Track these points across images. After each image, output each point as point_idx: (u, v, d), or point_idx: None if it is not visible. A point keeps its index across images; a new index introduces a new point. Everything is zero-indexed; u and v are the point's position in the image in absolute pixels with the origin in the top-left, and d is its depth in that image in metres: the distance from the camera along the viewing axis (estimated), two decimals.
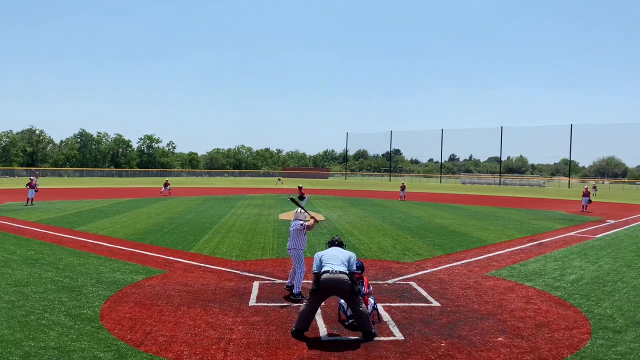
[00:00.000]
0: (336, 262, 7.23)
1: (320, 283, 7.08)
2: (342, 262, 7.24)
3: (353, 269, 7.29)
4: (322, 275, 7.10)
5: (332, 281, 7.04)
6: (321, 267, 7.24)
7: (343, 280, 7.04)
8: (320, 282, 7.08)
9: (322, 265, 7.26)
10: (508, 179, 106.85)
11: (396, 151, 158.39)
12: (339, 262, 7.23)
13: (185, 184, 69.37)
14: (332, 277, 7.05)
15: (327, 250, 7.56)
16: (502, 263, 13.15)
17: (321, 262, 7.30)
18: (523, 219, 25.57)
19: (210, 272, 11.35)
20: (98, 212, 25.37)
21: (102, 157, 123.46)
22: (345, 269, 7.16)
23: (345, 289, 7.06)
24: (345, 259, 7.30)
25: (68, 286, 9.74)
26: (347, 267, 7.21)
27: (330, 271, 7.10)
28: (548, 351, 6.76)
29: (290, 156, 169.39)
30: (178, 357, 6.27)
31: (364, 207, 31.77)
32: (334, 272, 7.07)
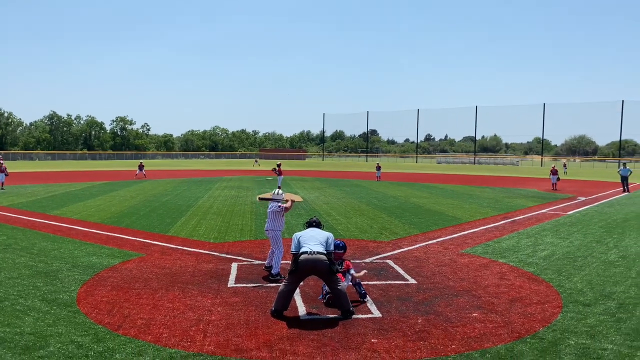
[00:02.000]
0: (314, 242, 7.27)
1: (298, 264, 7.13)
2: (320, 243, 7.28)
3: (331, 249, 7.35)
4: (300, 256, 7.15)
5: (310, 261, 7.10)
6: (299, 247, 7.28)
7: (321, 261, 7.10)
8: (299, 262, 7.13)
9: (300, 245, 7.29)
10: (482, 158, 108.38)
11: (373, 132, 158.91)
12: (317, 242, 7.28)
13: (160, 166, 68.52)
14: (310, 257, 7.11)
15: (305, 231, 7.59)
16: (477, 240, 13.41)
17: (299, 243, 7.33)
18: (497, 197, 26.04)
19: (188, 255, 11.31)
20: (72, 195, 24.93)
21: (74, 139, 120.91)
22: (323, 249, 7.22)
23: (323, 269, 7.13)
24: (323, 240, 7.35)
25: (43, 271, 9.60)
26: (325, 247, 7.26)
27: (308, 252, 7.14)
28: (521, 325, 6.96)
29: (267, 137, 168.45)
30: (157, 340, 6.27)
31: (341, 187, 31.90)
32: (312, 253, 7.12)
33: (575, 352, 6.03)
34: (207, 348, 6.03)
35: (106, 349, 5.96)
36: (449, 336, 6.51)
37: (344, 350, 6.03)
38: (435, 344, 6.24)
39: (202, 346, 6.08)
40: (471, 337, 6.50)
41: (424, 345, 6.21)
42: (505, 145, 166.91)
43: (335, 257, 7.90)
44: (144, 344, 6.11)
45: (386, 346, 6.16)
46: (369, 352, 5.99)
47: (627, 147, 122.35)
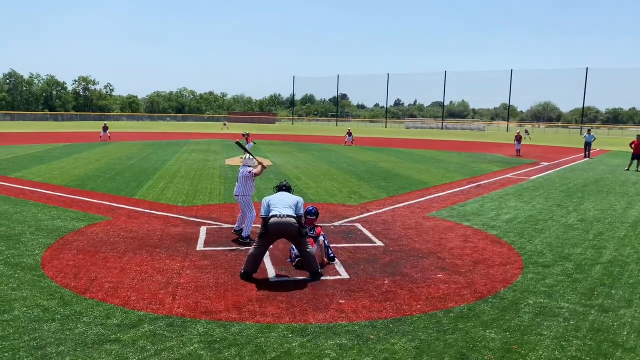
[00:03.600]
0: (283, 205, 7.29)
1: (268, 227, 7.17)
2: (289, 206, 7.31)
3: (300, 212, 7.39)
4: (270, 219, 7.18)
5: (280, 224, 7.14)
6: (269, 211, 7.29)
7: (290, 224, 7.15)
8: (269, 225, 7.17)
9: (269, 209, 7.31)
10: (450, 123, 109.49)
11: (343, 96, 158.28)
12: (286, 205, 7.30)
13: (125, 128, 66.86)
14: (279, 220, 7.14)
15: (275, 195, 7.60)
16: (443, 204, 13.69)
17: (269, 207, 7.34)
18: (463, 162, 26.51)
19: (156, 218, 11.20)
20: (33, 157, 24.18)
21: (35, 99, 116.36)
22: (292, 212, 7.25)
23: (293, 232, 7.19)
24: (293, 203, 7.37)
25: (5, 235, 9.37)
26: (294, 210, 7.30)
27: (277, 215, 7.17)
28: (483, 285, 7.21)
29: (236, 100, 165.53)
30: (125, 303, 6.25)
31: (311, 152, 31.88)
32: (282, 216, 7.16)
33: (533, 311, 6.30)
34: (177, 310, 6.06)
35: (73, 312, 5.92)
36: (414, 296, 6.70)
37: (312, 310, 6.15)
38: (401, 304, 6.42)
39: (171, 308, 6.10)
40: (435, 297, 6.71)
41: (390, 305, 6.38)
42: (472, 111, 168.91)
43: (307, 222, 8.00)
44: (111, 307, 6.09)
45: (353, 307, 6.31)
46: (336, 312, 6.12)
47: (589, 114, 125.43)
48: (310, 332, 5.56)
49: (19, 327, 5.50)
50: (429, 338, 5.49)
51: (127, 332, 5.42)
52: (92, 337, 5.29)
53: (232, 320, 5.81)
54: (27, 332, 5.38)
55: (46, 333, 5.36)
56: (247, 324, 5.74)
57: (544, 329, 5.80)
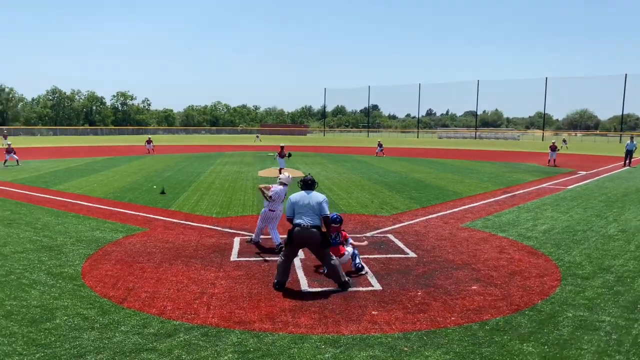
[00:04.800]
0: (308, 213, 7.35)
1: (292, 237, 7.33)
2: (314, 213, 7.36)
3: (325, 212, 7.42)
4: (294, 229, 7.32)
5: (304, 235, 7.29)
6: (294, 214, 7.38)
7: (313, 235, 7.29)
8: (293, 236, 7.33)
9: (294, 213, 7.39)
10: (483, 132, 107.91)
11: (374, 107, 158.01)
12: (311, 213, 7.36)
13: (162, 141, 68.39)
14: (303, 231, 7.29)
15: (301, 197, 7.53)
16: (477, 215, 13.48)
17: (294, 210, 7.42)
18: (497, 172, 26.05)
19: (191, 229, 11.40)
20: (74, 171, 24.99)
21: (76, 115, 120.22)
22: (317, 221, 7.34)
23: (316, 242, 7.31)
24: (317, 208, 7.39)
25: (47, 245, 9.70)
26: (319, 216, 7.37)
27: (301, 225, 7.29)
28: (520, 298, 7.06)
29: (268, 113, 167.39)
30: (161, 312, 6.38)
31: (342, 163, 31.91)
32: (306, 227, 7.28)
33: (572, 325, 6.13)
34: (211, 320, 6.14)
35: (111, 321, 6.07)
36: (449, 308, 6.62)
37: (345, 322, 6.14)
38: (435, 316, 6.34)
39: (205, 318, 6.19)
40: (470, 309, 6.60)
41: (423, 317, 6.32)
42: (506, 120, 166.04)
43: (332, 230, 8.06)
44: (148, 317, 6.22)
45: (386, 318, 6.27)
46: (369, 324, 6.10)
47: (629, 121, 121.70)
48: (343, 344, 5.55)
49: (60, 335, 5.67)
50: (464, 351, 5.40)
51: (163, 342, 5.53)
52: (129, 346, 5.41)
53: (266, 331, 5.86)
54: (68, 340, 5.55)
55: (86, 341, 5.51)
56: (280, 334, 5.77)
57: (584, 343, 5.64)
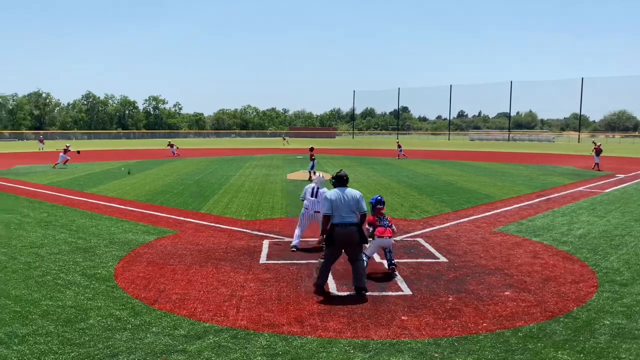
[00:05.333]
0: (346, 211, 7.32)
1: (334, 237, 7.29)
2: (352, 211, 7.34)
3: (363, 210, 7.43)
4: (335, 230, 7.28)
5: (344, 235, 7.26)
6: (332, 211, 7.35)
7: (353, 233, 7.27)
8: (334, 236, 7.29)
9: (333, 212, 7.35)
10: (517, 134, 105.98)
11: (404, 109, 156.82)
12: (349, 211, 7.32)
13: (192, 145, 69.49)
14: (343, 231, 7.26)
15: (337, 194, 7.47)
16: (510, 219, 13.21)
17: (332, 209, 7.37)
18: (531, 175, 25.51)
19: (221, 232, 11.51)
20: (108, 174, 25.58)
21: (109, 119, 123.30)
22: (354, 218, 7.33)
23: (354, 241, 7.30)
24: (355, 205, 7.37)
25: (82, 247, 9.93)
26: (355, 213, 7.36)
27: (341, 224, 7.26)
28: (554, 304, 6.87)
29: (297, 116, 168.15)
30: (192, 314, 6.44)
31: (371, 165, 31.78)
32: (345, 226, 7.26)
33: (610, 332, 5.93)
34: (240, 323, 6.17)
35: (143, 322, 6.16)
36: (480, 314, 6.48)
37: (374, 326, 6.08)
38: (466, 322, 6.22)
39: (235, 321, 6.23)
40: (503, 315, 6.46)
41: (454, 323, 6.21)
42: (540, 122, 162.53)
43: (377, 212, 8.42)
44: (179, 318, 6.29)
45: (416, 323, 6.18)
46: (399, 329, 6.02)
47: None
48: (373, 349, 5.49)
49: (94, 335, 5.78)
50: (496, 358, 5.27)
51: (193, 343, 5.58)
52: (160, 347, 5.48)
53: (294, 334, 5.84)
54: (101, 340, 5.65)
55: (118, 342, 5.61)
56: (308, 338, 5.75)
57: (622, 351, 5.44)
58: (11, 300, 6.88)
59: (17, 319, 6.23)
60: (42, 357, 5.21)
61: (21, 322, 6.12)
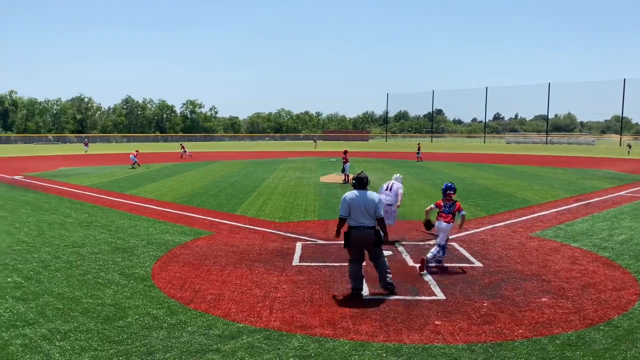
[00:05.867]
0: (363, 214, 7.31)
1: (351, 239, 7.35)
2: (369, 215, 7.32)
3: (380, 214, 7.41)
4: (351, 232, 7.34)
5: (360, 237, 7.32)
6: (348, 213, 7.37)
7: (369, 235, 7.32)
8: (351, 238, 7.35)
9: (350, 214, 7.37)
10: (555, 137, 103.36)
11: (438, 111, 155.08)
12: (365, 214, 7.31)
13: (227, 148, 70.46)
14: (359, 233, 7.30)
15: (355, 197, 7.44)
16: (547, 223, 12.90)
17: (349, 212, 7.38)
18: (570, 179, 24.83)
19: (255, 233, 11.64)
20: (146, 176, 26.20)
21: (148, 122, 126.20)
22: (372, 221, 7.34)
23: (370, 242, 7.34)
24: (372, 209, 7.34)
25: (121, 247, 10.21)
26: (373, 217, 7.35)
27: (357, 227, 7.31)
28: (594, 312, 6.67)
29: (330, 119, 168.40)
30: (226, 314, 6.54)
31: (404, 169, 31.54)
32: (361, 228, 7.30)
33: None
34: (273, 324, 6.23)
35: (179, 321, 6.30)
36: (516, 321, 6.36)
37: (407, 330, 6.04)
38: (502, 328, 6.12)
39: (268, 322, 6.29)
40: (540, 322, 6.32)
41: (489, 329, 6.11)
42: (580, 124, 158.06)
43: (447, 198, 9.13)
44: (213, 318, 6.40)
45: (450, 329, 6.11)
46: (432, 333, 5.97)
47: None
48: (405, 353, 5.46)
49: (132, 333, 5.94)
50: None
51: (227, 343, 5.67)
52: (195, 346, 5.59)
53: (327, 337, 5.86)
54: (138, 338, 5.80)
55: (155, 340, 5.74)
56: (341, 340, 5.76)
57: None
58: (54, 298, 7.14)
59: (60, 315, 6.47)
60: (82, 354, 5.39)
61: (63, 319, 6.34)
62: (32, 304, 6.90)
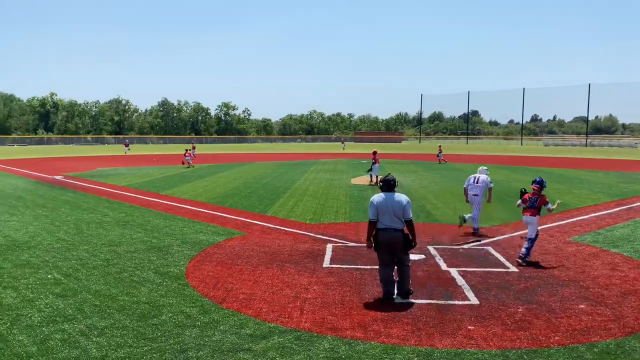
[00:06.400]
0: (391, 216, 7.23)
1: (379, 241, 7.29)
2: (398, 218, 7.23)
3: (409, 216, 7.29)
4: (379, 234, 7.28)
5: (389, 239, 7.24)
6: (376, 217, 7.30)
7: (397, 238, 7.23)
8: (379, 240, 7.29)
9: (377, 217, 7.30)
10: (596, 139, 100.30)
11: (474, 112, 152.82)
12: (394, 217, 7.23)
13: (260, 149, 71.10)
14: (387, 235, 7.23)
15: (383, 199, 7.35)
16: (586, 228, 12.53)
17: (377, 214, 7.31)
18: (611, 182, 24.07)
19: (286, 234, 11.70)
20: (181, 177, 26.69)
21: (183, 124, 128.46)
22: (400, 224, 7.24)
23: (398, 245, 7.26)
24: (400, 212, 7.23)
25: (156, 246, 10.43)
26: (401, 220, 7.25)
27: (385, 229, 7.24)
28: (634, 320, 6.45)
29: (362, 120, 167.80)
30: (257, 314, 6.60)
31: (438, 171, 31.17)
32: (389, 230, 7.22)
33: None
34: (304, 325, 6.25)
35: (211, 320, 6.38)
36: (552, 327, 6.20)
37: (439, 335, 5.97)
38: (537, 335, 5.97)
39: (299, 322, 6.31)
40: (577, 329, 6.14)
41: (524, 335, 5.97)
42: (622, 126, 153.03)
43: (534, 192, 9.52)
44: (245, 318, 6.46)
45: (483, 334, 6.00)
46: (465, 338, 5.87)
47: None
48: (437, 357, 5.39)
49: (165, 331, 6.06)
50: None
51: (259, 343, 5.71)
52: (227, 345, 5.65)
53: (358, 339, 5.84)
54: (172, 336, 5.91)
55: (188, 338, 5.84)
56: (372, 343, 5.73)
57: None
58: (92, 295, 7.34)
59: (97, 312, 6.64)
60: (118, 350, 5.52)
61: (100, 316, 6.51)
62: (70, 300, 7.12)
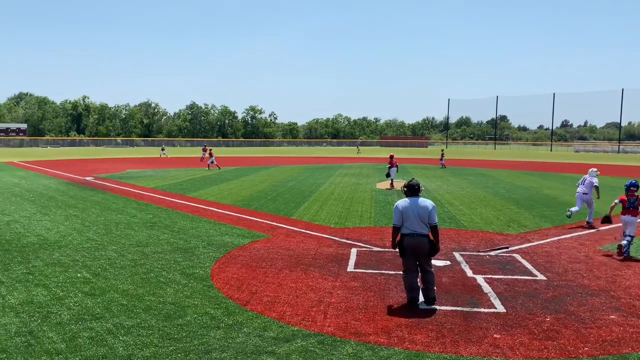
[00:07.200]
0: (417, 222, 7.16)
1: (405, 246, 7.22)
2: (424, 223, 7.16)
3: (434, 222, 7.21)
4: (404, 239, 7.22)
5: (414, 244, 7.17)
6: (401, 222, 7.23)
7: (424, 243, 7.17)
8: (405, 246, 7.22)
9: (402, 222, 7.23)
10: (629, 146, 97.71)
11: (502, 117, 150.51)
12: (419, 222, 7.16)
13: (286, 153, 71.42)
14: (413, 240, 7.16)
15: (408, 204, 7.29)
16: (618, 237, 12.19)
17: (402, 219, 7.24)
18: None
19: (311, 238, 11.71)
20: (208, 179, 26.99)
21: (211, 127, 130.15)
22: (425, 229, 7.17)
23: (424, 250, 7.19)
24: (426, 217, 7.16)
25: (182, 247, 10.56)
26: (427, 225, 7.17)
27: (410, 234, 7.17)
28: None
29: (388, 125, 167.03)
30: (281, 317, 6.61)
31: (465, 176, 30.80)
32: (415, 235, 7.16)
33: None
34: (327, 329, 6.23)
35: (235, 322, 6.42)
36: (582, 338, 6.05)
37: (464, 342, 5.88)
38: (565, 345, 5.84)
39: (322, 327, 6.30)
40: (607, 340, 5.98)
41: (552, 345, 5.84)
42: None
43: (630, 194, 10.36)
44: (269, 320, 6.48)
45: (510, 343, 5.89)
46: (490, 347, 5.78)
47: None
48: None
49: (190, 331, 6.12)
50: None
51: (282, 346, 5.72)
52: (251, 348, 5.68)
53: (381, 345, 5.80)
54: (197, 337, 5.97)
55: (212, 339, 5.89)
56: (395, 349, 5.68)
57: None
58: (119, 294, 7.48)
59: (124, 312, 6.76)
60: (144, 349, 5.60)
61: (127, 315, 6.62)
62: (98, 299, 7.26)
